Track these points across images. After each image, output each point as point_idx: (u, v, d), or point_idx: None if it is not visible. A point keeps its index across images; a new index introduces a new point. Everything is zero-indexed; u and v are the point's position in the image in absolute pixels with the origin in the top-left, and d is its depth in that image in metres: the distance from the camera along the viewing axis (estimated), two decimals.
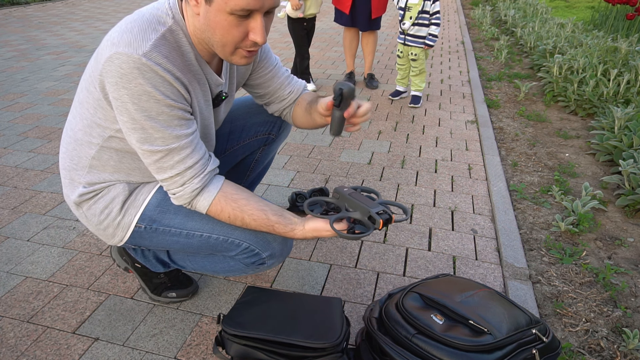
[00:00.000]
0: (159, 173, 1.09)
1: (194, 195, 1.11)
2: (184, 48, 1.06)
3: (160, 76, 0.98)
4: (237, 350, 1.14)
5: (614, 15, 5.53)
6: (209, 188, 1.13)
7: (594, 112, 3.29)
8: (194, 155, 1.09)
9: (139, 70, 0.96)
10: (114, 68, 0.97)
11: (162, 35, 1.01)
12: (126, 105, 1.00)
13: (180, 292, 1.48)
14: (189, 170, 1.09)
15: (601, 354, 1.37)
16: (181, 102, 1.05)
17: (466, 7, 9.56)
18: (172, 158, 1.06)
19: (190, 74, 1.08)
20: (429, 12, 3.17)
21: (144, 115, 1.00)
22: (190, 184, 1.10)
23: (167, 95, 1.01)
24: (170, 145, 1.05)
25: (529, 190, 2.31)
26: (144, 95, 0.98)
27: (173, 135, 1.04)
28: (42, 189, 2.17)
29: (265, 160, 1.71)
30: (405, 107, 3.45)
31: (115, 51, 0.96)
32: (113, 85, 0.99)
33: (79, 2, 9.13)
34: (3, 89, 3.67)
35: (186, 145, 1.07)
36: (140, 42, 0.97)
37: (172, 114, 1.03)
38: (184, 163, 1.08)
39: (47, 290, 1.54)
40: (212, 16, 0.97)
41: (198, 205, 1.13)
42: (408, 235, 1.89)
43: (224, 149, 1.58)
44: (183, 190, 1.10)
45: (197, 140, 1.11)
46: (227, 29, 0.98)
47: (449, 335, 1.07)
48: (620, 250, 1.86)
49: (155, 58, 0.97)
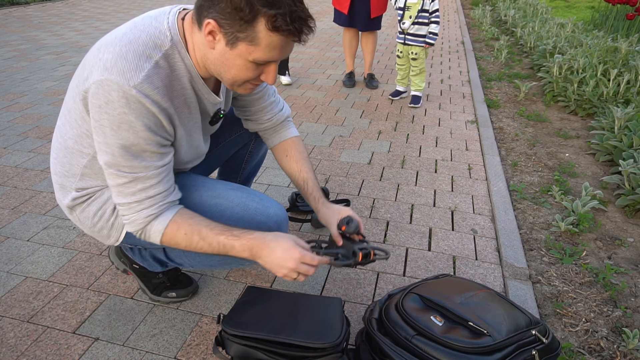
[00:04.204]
0: (118, 196, 1.08)
1: (147, 221, 1.09)
2: (178, 72, 1.06)
3: (146, 108, 0.99)
4: (237, 350, 1.14)
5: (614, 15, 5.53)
6: (165, 213, 1.10)
7: (594, 112, 3.29)
8: (158, 187, 1.08)
9: (126, 100, 0.97)
10: (102, 93, 0.97)
11: (156, 63, 1.00)
12: (104, 129, 1.00)
13: (180, 292, 1.48)
14: (149, 199, 1.08)
15: (601, 354, 1.37)
16: (161, 134, 1.05)
17: (466, 7, 9.55)
18: (135, 185, 1.06)
19: (180, 99, 1.09)
20: (429, 10, 3.17)
21: (118, 143, 1.00)
22: (146, 210, 1.08)
23: (148, 127, 1.01)
24: (137, 174, 1.05)
25: (529, 190, 2.31)
26: (125, 124, 0.99)
27: (142, 166, 1.04)
28: (42, 189, 2.17)
29: (259, 152, 1.71)
30: (405, 107, 3.45)
31: (107, 77, 0.96)
32: (96, 107, 0.99)
33: (79, 2, 9.13)
34: (3, 89, 3.67)
35: (153, 176, 1.06)
36: (133, 72, 0.97)
37: (146, 146, 1.03)
38: (146, 192, 1.07)
39: (47, 290, 1.54)
40: (230, 57, 1.00)
41: (152, 229, 1.10)
42: (408, 235, 1.89)
43: (216, 142, 1.58)
44: (137, 215, 1.08)
45: (167, 173, 1.10)
46: (243, 71, 1.02)
47: (449, 337, 1.07)
48: (620, 250, 1.86)
49: (145, 90, 0.98)
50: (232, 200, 1.23)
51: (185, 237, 1.10)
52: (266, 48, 0.97)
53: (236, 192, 1.26)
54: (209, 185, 1.27)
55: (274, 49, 0.98)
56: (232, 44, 0.97)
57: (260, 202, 1.25)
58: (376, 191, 2.23)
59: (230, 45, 0.98)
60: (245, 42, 0.96)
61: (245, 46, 0.97)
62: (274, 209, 1.25)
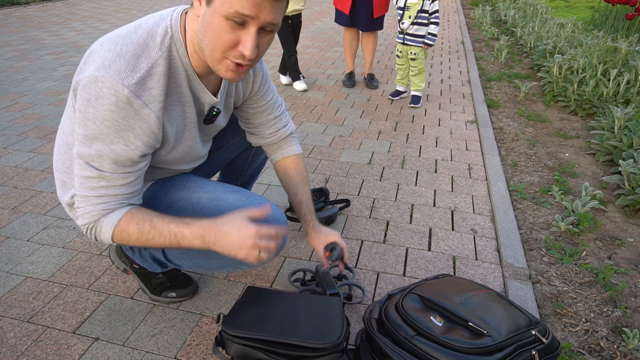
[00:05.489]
0: (80, 188, 1.07)
1: (103, 214, 1.08)
2: (175, 71, 1.06)
3: (134, 110, 1.00)
4: (237, 350, 1.14)
5: (614, 15, 5.53)
6: (120, 209, 1.09)
7: (594, 112, 3.29)
8: (122, 188, 1.08)
9: (116, 99, 0.97)
10: (94, 88, 0.97)
11: (155, 62, 1.01)
12: (87, 122, 1.00)
13: (180, 292, 1.48)
14: (108, 196, 1.07)
15: (601, 354, 1.37)
16: (142, 138, 1.04)
17: (466, 7, 9.55)
18: (99, 182, 1.05)
19: (174, 97, 1.09)
20: (428, 11, 3.17)
21: (97, 137, 1.01)
22: (103, 205, 1.07)
23: (131, 129, 1.01)
24: (105, 172, 1.05)
25: (529, 190, 2.31)
26: (108, 121, 0.99)
27: (111, 167, 1.04)
28: (42, 189, 2.17)
29: (262, 155, 1.71)
30: (405, 107, 3.45)
31: (103, 75, 0.97)
32: (85, 100, 0.99)
33: (79, 2, 9.13)
34: (3, 89, 3.67)
35: (118, 178, 1.06)
36: (130, 73, 0.98)
37: (123, 148, 1.02)
38: (108, 190, 1.06)
39: (47, 290, 1.54)
40: (208, 17, 0.96)
41: (105, 222, 1.08)
42: (408, 235, 1.89)
43: (219, 145, 1.58)
44: (93, 208, 1.07)
45: (134, 178, 1.09)
46: (218, 32, 0.96)
47: (449, 337, 1.07)
48: (620, 250, 1.86)
49: (138, 91, 0.99)
50: (230, 203, 1.23)
51: (137, 227, 1.08)
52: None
53: (235, 195, 1.26)
54: (208, 187, 1.27)
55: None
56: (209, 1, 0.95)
57: (258, 205, 1.25)
58: (376, 191, 2.23)
59: (207, 2, 0.96)
60: None
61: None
62: (273, 213, 1.25)
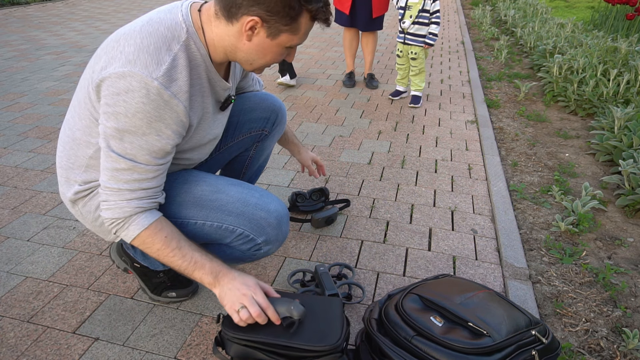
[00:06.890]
0: (110, 180, 1.08)
1: (135, 212, 1.09)
2: (195, 62, 1.10)
3: (164, 101, 1.03)
4: (237, 350, 1.14)
5: (614, 15, 5.53)
6: (152, 212, 1.12)
7: (594, 112, 3.29)
8: (153, 182, 1.10)
9: (147, 91, 1.00)
10: (124, 83, 0.99)
11: (176, 55, 1.05)
12: (118, 115, 1.01)
13: (180, 291, 1.48)
14: (142, 191, 1.09)
15: (601, 354, 1.37)
16: (173, 127, 1.07)
17: (466, 7, 9.55)
18: (132, 175, 1.07)
19: (196, 88, 1.12)
20: (429, 10, 3.17)
21: (129, 130, 1.02)
22: (137, 201, 1.09)
23: (162, 120, 1.04)
24: (138, 164, 1.06)
25: (529, 190, 2.31)
26: (140, 113, 1.01)
27: (145, 158, 1.06)
28: (42, 189, 2.17)
29: (260, 157, 1.71)
30: (405, 107, 3.45)
31: (130, 69, 0.99)
32: (113, 94, 1.00)
33: (79, 2, 9.13)
34: (3, 89, 3.67)
35: (151, 170, 1.08)
36: (156, 65, 1.01)
37: (155, 138, 1.05)
38: (141, 183, 1.08)
39: (47, 290, 1.54)
40: (269, 46, 1.10)
41: (135, 222, 1.09)
42: (408, 235, 1.89)
43: (218, 146, 1.59)
44: (126, 203, 1.08)
45: (162, 171, 1.12)
46: (277, 56, 1.14)
47: (448, 338, 1.07)
48: (620, 250, 1.86)
49: (166, 82, 1.02)
50: (232, 195, 1.24)
51: (164, 241, 1.11)
52: (303, 35, 1.11)
53: (237, 187, 1.27)
54: (210, 180, 1.28)
55: (306, 34, 1.12)
56: (274, 36, 1.07)
57: (260, 197, 1.26)
58: (376, 191, 2.23)
59: (272, 37, 1.07)
60: (287, 33, 1.07)
61: (286, 36, 1.08)
62: (274, 204, 1.27)
